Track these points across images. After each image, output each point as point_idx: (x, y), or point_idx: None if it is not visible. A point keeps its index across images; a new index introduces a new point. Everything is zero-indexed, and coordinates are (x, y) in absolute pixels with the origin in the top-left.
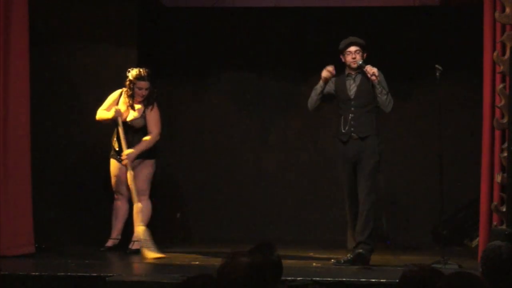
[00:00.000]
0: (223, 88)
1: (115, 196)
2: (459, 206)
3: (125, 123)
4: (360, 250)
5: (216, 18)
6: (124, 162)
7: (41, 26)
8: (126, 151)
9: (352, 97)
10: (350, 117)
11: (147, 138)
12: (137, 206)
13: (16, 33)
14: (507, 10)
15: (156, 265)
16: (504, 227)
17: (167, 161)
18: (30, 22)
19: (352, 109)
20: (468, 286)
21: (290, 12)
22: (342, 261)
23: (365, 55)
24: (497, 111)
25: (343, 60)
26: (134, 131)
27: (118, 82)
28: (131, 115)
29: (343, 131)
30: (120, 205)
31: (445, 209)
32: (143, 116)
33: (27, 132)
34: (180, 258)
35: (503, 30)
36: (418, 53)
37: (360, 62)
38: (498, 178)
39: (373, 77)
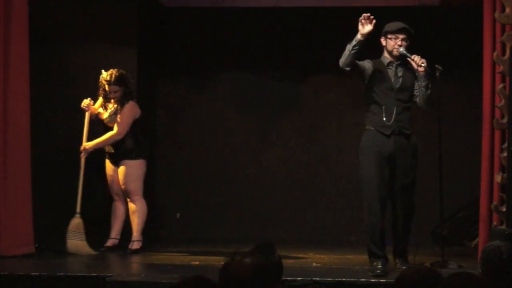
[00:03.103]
0: (223, 88)
1: (113, 196)
2: (459, 206)
3: (102, 121)
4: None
5: (216, 18)
6: (81, 151)
7: (41, 26)
8: (83, 144)
9: (396, 88)
10: (395, 110)
11: (107, 134)
12: (132, 207)
13: (16, 33)
14: (507, 10)
15: (156, 265)
16: (504, 227)
17: (167, 161)
18: (30, 22)
19: (397, 101)
20: (469, 286)
21: (290, 12)
22: (378, 271)
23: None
24: (497, 111)
25: (383, 43)
26: (111, 129)
27: None
28: (106, 114)
29: (387, 123)
30: (118, 205)
31: (445, 209)
32: (115, 114)
33: (27, 132)
34: (180, 258)
35: (503, 30)
36: (418, 53)
37: (403, 51)
38: (498, 178)
39: (421, 68)
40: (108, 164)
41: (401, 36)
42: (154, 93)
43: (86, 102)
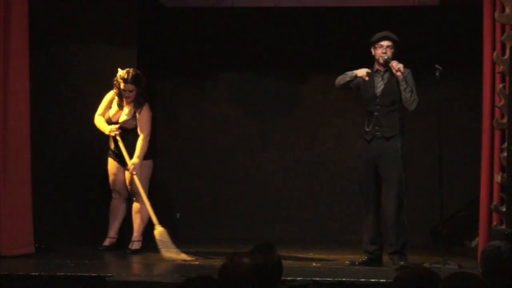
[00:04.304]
0: (223, 88)
1: (113, 195)
2: (459, 206)
3: (117, 124)
4: (402, 263)
5: (215, 18)
6: (131, 171)
7: (41, 26)
8: (131, 162)
9: (378, 94)
10: (374, 116)
11: (139, 142)
12: (136, 206)
13: (16, 33)
14: (507, 10)
15: (156, 265)
16: (504, 227)
17: (167, 161)
18: (30, 22)
19: (377, 107)
20: (468, 286)
21: (290, 12)
22: (357, 263)
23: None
24: (497, 111)
25: (373, 53)
26: (127, 132)
27: None
28: (122, 117)
29: (367, 129)
30: (117, 204)
31: (445, 209)
32: (134, 117)
33: (27, 132)
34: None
35: (503, 30)
36: (418, 53)
37: (386, 57)
38: (498, 178)
39: (398, 73)
40: (112, 163)
41: (386, 44)
42: (154, 93)
43: (114, 128)
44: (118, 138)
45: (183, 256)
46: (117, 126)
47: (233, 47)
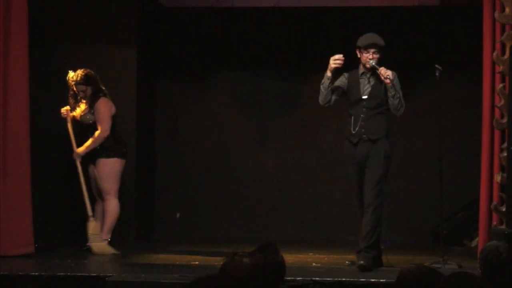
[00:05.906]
0: (223, 88)
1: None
2: (459, 206)
3: (78, 120)
4: (361, 262)
5: (215, 18)
6: (74, 158)
7: (41, 26)
8: (75, 151)
9: (364, 97)
10: (361, 118)
11: (94, 136)
12: (104, 206)
13: (16, 33)
14: (507, 10)
15: (156, 265)
16: (504, 227)
17: (167, 161)
18: (30, 22)
19: (364, 109)
20: (468, 286)
21: (290, 12)
22: (357, 264)
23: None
24: (497, 111)
25: (358, 55)
26: (85, 126)
27: (118, 82)
28: (80, 112)
29: (353, 132)
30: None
31: (445, 209)
32: (90, 112)
33: (26, 132)
34: (180, 258)
35: (503, 30)
36: (418, 53)
37: (373, 63)
38: (497, 178)
39: (387, 80)
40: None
41: (372, 50)
42: (154, 93)
43: (64, 109)
44: (69, 125)
45: (111, 250)
46: (67, 108)
47: (233, 47)
